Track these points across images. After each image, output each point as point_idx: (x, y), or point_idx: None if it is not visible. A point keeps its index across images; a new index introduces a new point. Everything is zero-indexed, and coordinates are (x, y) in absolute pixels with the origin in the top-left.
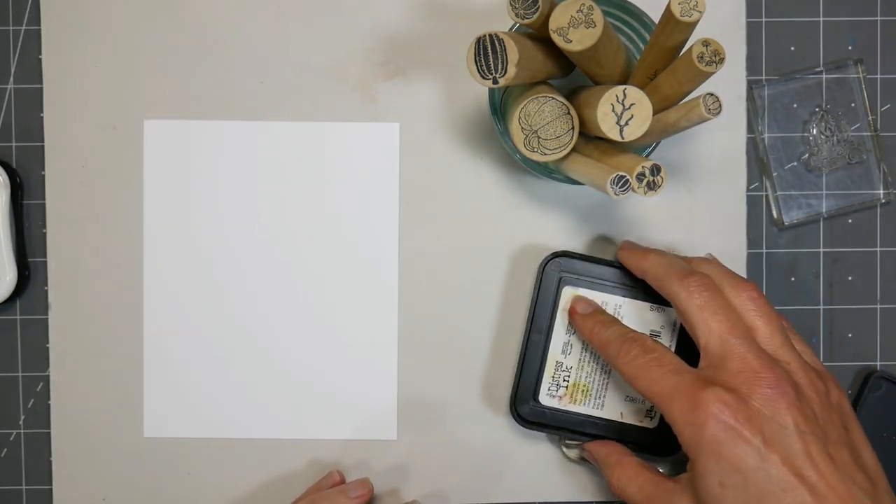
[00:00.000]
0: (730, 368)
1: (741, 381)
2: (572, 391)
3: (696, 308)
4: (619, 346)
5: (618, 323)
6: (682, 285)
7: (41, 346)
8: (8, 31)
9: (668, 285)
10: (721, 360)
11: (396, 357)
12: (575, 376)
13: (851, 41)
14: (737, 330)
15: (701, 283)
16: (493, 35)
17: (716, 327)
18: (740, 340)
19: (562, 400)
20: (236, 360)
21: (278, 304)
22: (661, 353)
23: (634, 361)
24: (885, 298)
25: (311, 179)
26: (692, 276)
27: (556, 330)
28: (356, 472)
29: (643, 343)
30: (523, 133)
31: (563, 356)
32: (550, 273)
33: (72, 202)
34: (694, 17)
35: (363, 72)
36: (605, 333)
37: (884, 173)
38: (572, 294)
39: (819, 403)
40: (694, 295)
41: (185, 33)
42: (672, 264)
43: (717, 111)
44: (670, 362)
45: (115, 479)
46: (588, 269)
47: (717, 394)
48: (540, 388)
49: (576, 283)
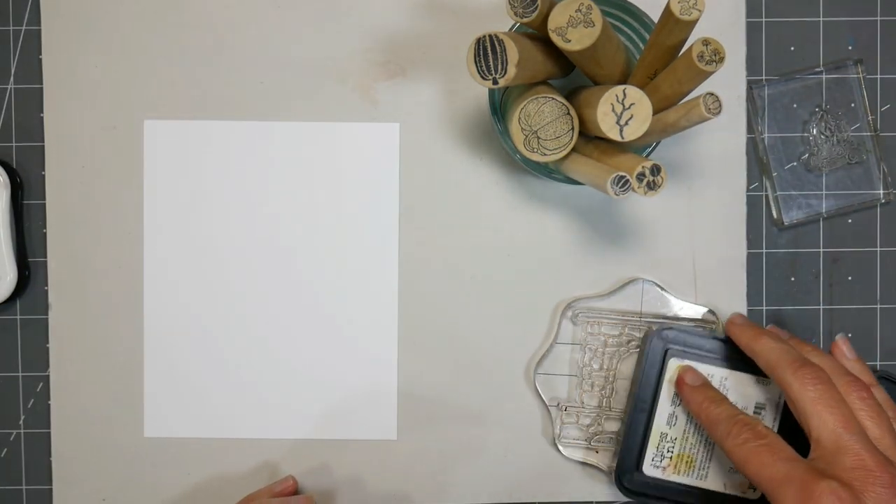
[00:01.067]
0: (843, 464)
1: (855, 477)
2: (676, 462)
3: (810, 400)
4: (730, 428)
5: (727, 402)
6: (796, 376)
7: (41, 346)
8: (8, 31)
9: (781, 374)
10: (834, 455)
11: (396, 357)
12: (679, 447)
13: (851, 41)
14: (851, 426)
15: (816, 376)
16: (493, 36)
17: (830, 421)
18: (855, 437)
19: (665, 470)
20: (236, 360)
21: (278, 304)
22: (774, 440)
23: (745, 445)
24: (885, 298)
25: (312, 179)
26: (807, 367)
27: (661, 401)
28: (356, 472)
29: (754, 427)
30: (523, 133)
31: (668, 427)
32: (656, 344)
33: (72, 202)
34: (693, 15)
35: (363, 72)
36: (714, 411)
37: (884, 173)
38: (678, 366)
39: None
40: (808, 387)
41: (186, 33)
42: (786, 352)
43: (717, 111)
44: (783, 449)
45: (115, 479)
46: (696, 341)
47: (832, 487)
48: (644, 458)
49: (682, 355)
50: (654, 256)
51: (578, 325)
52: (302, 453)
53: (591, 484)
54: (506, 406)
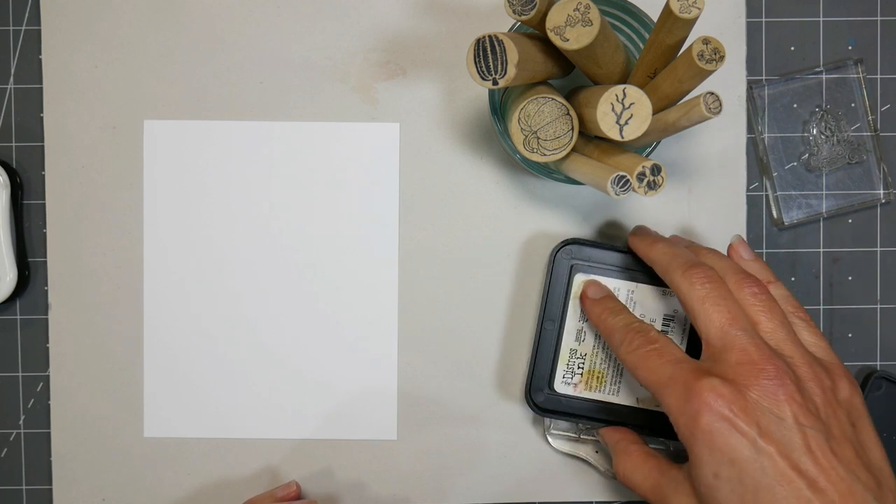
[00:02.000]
0: (729, 360)
1: (740, 372)
2: (587, 378)
3: (697, 299)
4: (623, 336)
5: (625, 311)
6: (684, 276)
7: (41, 346)
8: (8, 31)
9: (671, 276)
10: (721, 352)
11: (396, 357)
12: (590, 363)
13: (851, 41)
14: (738, 321)
15: (704, 274)
16: (493, 36)
17: (717, 318)
18: (741, 332)
19: (577, 387)
20: (236, 360)
21: (278, 304)
22: (663, 344)
23: (636, 351)
24: (885, 298)
25: (312, 179)
26: (696, 267)
27: (569, 317)
28: (356, 472)
29: (646, 334)
30: (523, 134)
31: (577, 343)
32: (562, 260)
33: (72, 202)
34: (693, 13)
35: (363, 72)
36: (611, 321)
37: (884, 173)
38: (584, 280)
39: (823, 398)
40: (696, 286)
41: (186, 33)
42: (677, 255)
43: (717, 110)
44: (670, 353)
45: (115, 479)
46: (600, 255)
47: (712, 384)
48: (555, 375)
49: (588, 270)
50: None
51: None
52: (302, 453)
53: (591, 484)
54: (506, 406)
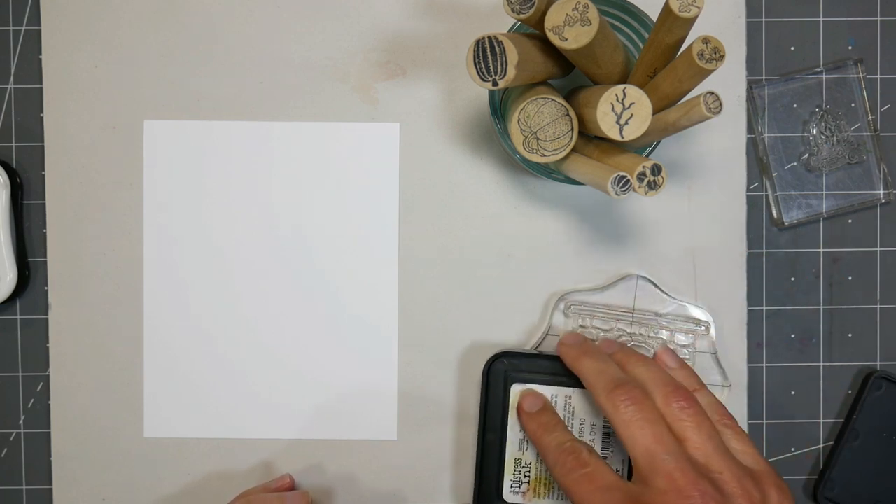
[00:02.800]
0: (657, 486)
1: (667, 500)
2: (535, 485)
3: (622, 423)
4: (556, 457)
5: (559, 428)
6: (609, 398)
7: (41, 346)
8: (8, 31)
9: (596, 397)
10: (648, 476)
11: (396, 357)
12: (535, 471)
13: (851, 41)
14: (663, 444)
15: (628, 395)
16: (493, 37)
17: (641, 442)
18: (667, 455)
19: (525, 496)
20: (237, 360)
21: (278, 304)
22: (595, 468)
23: (569, 475)
24: (885, 298)
25: (312, 180)
26: (620, 388)
27: (510, 427)
28: (356, 472)
29: (578, 455)
30: (522, 135)
31: (521, 453)
32: (497, 372)
33: (72, 202)
34: (693, 12)
35: (363, 72)
36: (546, 439)
37: (884, 173)
38: (521, 390)
39: None
40: (620, 409)
41: (185, 34)
42: (602, 372)
43: (717, 110)
44: (602, 478)
45: (115, 479)
46: (532, 364)
47: None
48: (503, 486)
49: (523, 380)
50: (654, 256)
51: (570, 318)
52: (302, 454)
53: None
54: None
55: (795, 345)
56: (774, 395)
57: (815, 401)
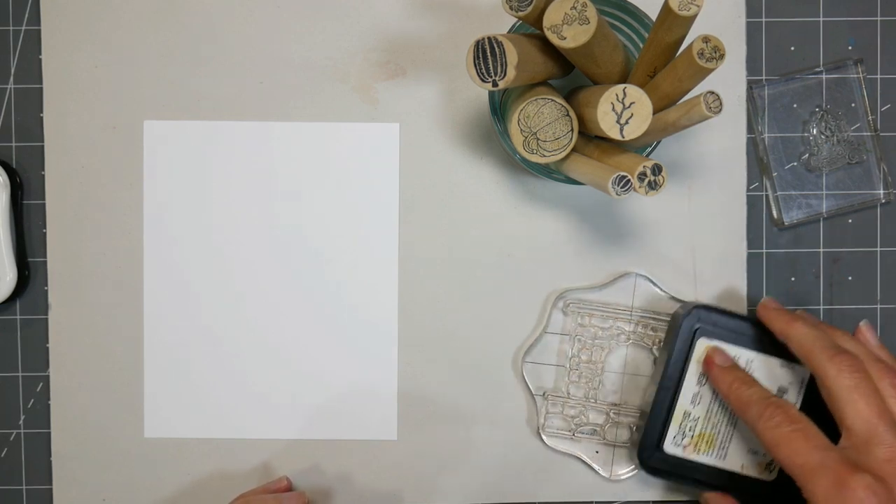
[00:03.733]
0: (877, 455)
1: (889, 470)
2: (697, 441)
3: (846, 388)
4: (762, 410)
5: (758, 384)
6: (832, 363)
7: (41, 346)
8: (8, 31)
9: (816, 360)
10: (867, 445)
11: (397, 357)
12: (701, 427)
13: (851, 41)
14: (885, 416)
15: (852, 363)
16: (492, 38)
17: (864, 410)
18: (889, 428)
19: (686, 449)
20: (237, 360)
21: (278, 304)
22: (806, 425)
23: (777, 429)
24: (885, 298)
25: (312, 179)
26: (842, 354)
27: (687, 380)
28: (357, 472)
29: (787, 411)
30: (522, 135)
31: (692, 406)
32: (687, 322)
33: (72, 202)
34: (692, 11)
35: (363, 72)
36: (745, 393)
37: (884, 173)
38: (706, 346)
39: None
40: (845, 375)
41: (185, 33)
42: (820, 338)
43: (717, 109)
44: (816, 436)
45: (115, 479)
46: (725, 322)
47: (867, 481)
48: (666, 436)
49: (711, 335)
50: (654, 256)
51: (569, 316)
52: (303, 454)
53: (589, 484)
54: (507, 406)
55: None
56: None
57: None
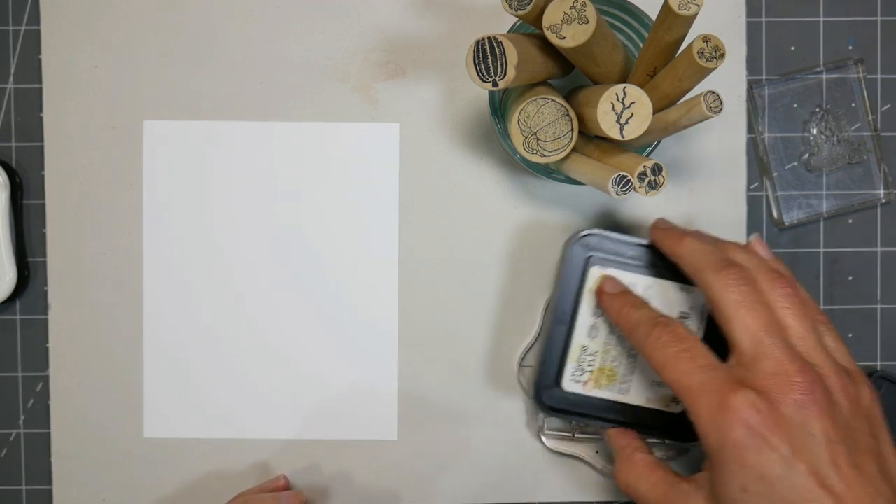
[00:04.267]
0: (762, 370)
1: (773, 384)
2: (597, 376)
3: (731, 303)
4: (649, 330)
5: (648, 306)
6: (718, 277)
7: (41, 346)
8: (8, 31)
9: (703, 275)
10: (753, 360)
11: (396, 357)
12: (600, 361)
13: (851, 41)
14: (772, 329)
15: (739, 276)
16: (492, 38)
17: (751, 324)
18: (775, 340)
19: (586, 385)
20: (237, 360)
21: (278, 304)
22: (693, 345)
23: (664, 349)
24: (885, 298)
25: (311, 179)
26: (730, 268)
27: (581, 312)
28: (357, 472)
29: (675, 330)
30: (522, 135)
31: (589, 340)
32: (577, 252)
33: (72, 202)
34: (692, 10)
35: (363, 72)
36: (634, 315)
37: (884, 173)
38: (600, 274)
39: (850, 409)
40: (731, 288)
41: (185, 33)
42: (709, 253)
43: (717, 109)
44: (702, 356)
45: (115, 479)
46: (617, 248)
47: (748, 398)
48: (564, 372)
49: (604, 263)
50: None
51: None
52: (303, 454)
53: (590, 484)
54: (506, 407)
55: None
56: None
57: None
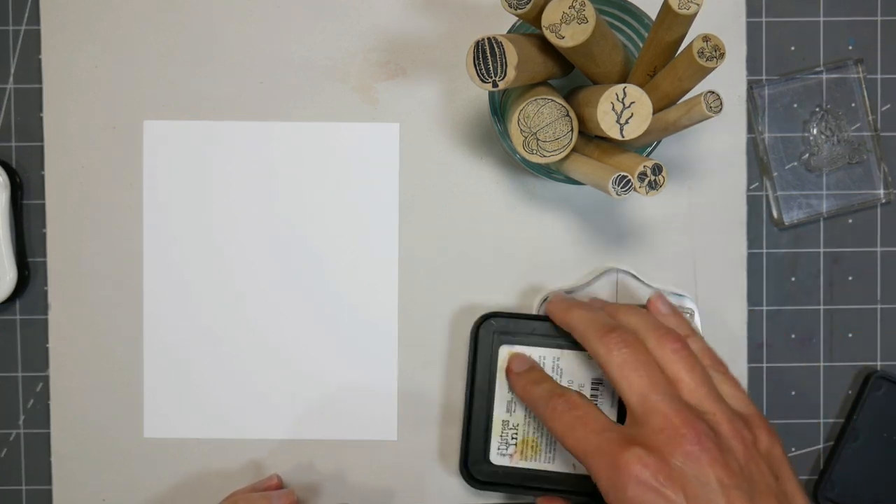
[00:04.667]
0: (651, 426)
1: (662, 439)
2: (522, 448)
3: (615, 365)
4: (547, 403)
5: (549, 380)
6: (601, 342)
7: (41, 346)
8: (8, 31)
9: (589, 343)
10: (643, 418)
11: (397, 357)
12: (522, 433)
13: (851, 41)
14: (657, 386)
15: (621, 338)
16: (492, 38)
17: (637, 383)
18: (661, 396)
19: (512, 458)
20: (237, 360)
21: (278, 304)
22: (586, 411)
23: (560, 419)
24: (885, 298)
25: (311, 179)
26: (613, 332)
27: (497, 389)
28: (357, 472)
29: (569, 399)
30: (522, 135)
31: (509, 415)
32: (485, 334)
33: (72, 202)
34: (692, 9)
35: (363, 72)
36: (535, 391)
37: (884, 173)
38: (509, 352)
39: (745, 453)
40: (613, 352)
41: (185, 33)
42: (594, 320)
43: (717, 109)
44: (595, 420)
45: (115, 479)
46: (520, 325)
47: (637, 454)
48: (490, 448)
49: (511, 341)
50: (654, 256)
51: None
52: (303, 454)
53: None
54: None
55: (795, 345)
56: (774, 395)
57: (816, 401)
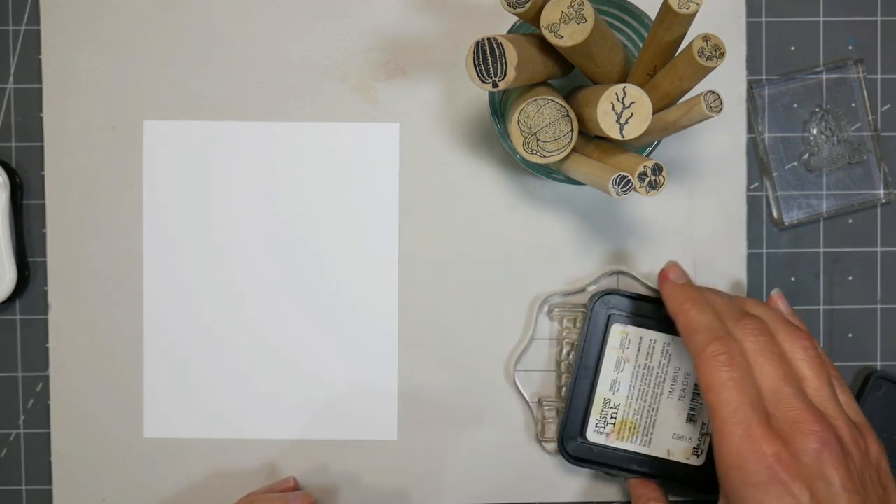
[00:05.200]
0: (782, 416)
1: (793, 431)
2: (619, 428)
3: (750, 351)
4: (707, 343)
5: (710, 311)
6: (737, 326)
7: (41, 346)
8: (8, 31)
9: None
10: (773, 406)
11: (397, 357)
12: (623, 413)
13: (851, 41)
14: (789, 378)
15: (756, 326)
16: (492, 39)
17: (770, 372)
18: (792, 389)
19: (609, 437)
20: (237, 360)
21: (278, 304)
22: (743, 374)
23: (717, 372)
24: (885, 298)
25: (311, 180)
26: (747, 318)
27: (604, 367)
28: (357, 472)
29: (730, 352)
30: (522, 135)
31: (612, 393)
32: (599, 310)
33: (72, 202)
34: (692, 8)
35: (363, 72)
36: (695, 317)
37: (884, 173)
38: (621, 331)
39: (861, 462)
40: (749, 338)
41: (185, 33)
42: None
43: (718, 109)
44: (748, 390)
45: (115, 479)
46: (637, 306)
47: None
48: (587, 424)
49: (625, 321)
50: (654, 256)
51: (555, 321)
52: (302, 453)
53: (589, 484)
54: (507, 406)
55: None
56: None
57: None
